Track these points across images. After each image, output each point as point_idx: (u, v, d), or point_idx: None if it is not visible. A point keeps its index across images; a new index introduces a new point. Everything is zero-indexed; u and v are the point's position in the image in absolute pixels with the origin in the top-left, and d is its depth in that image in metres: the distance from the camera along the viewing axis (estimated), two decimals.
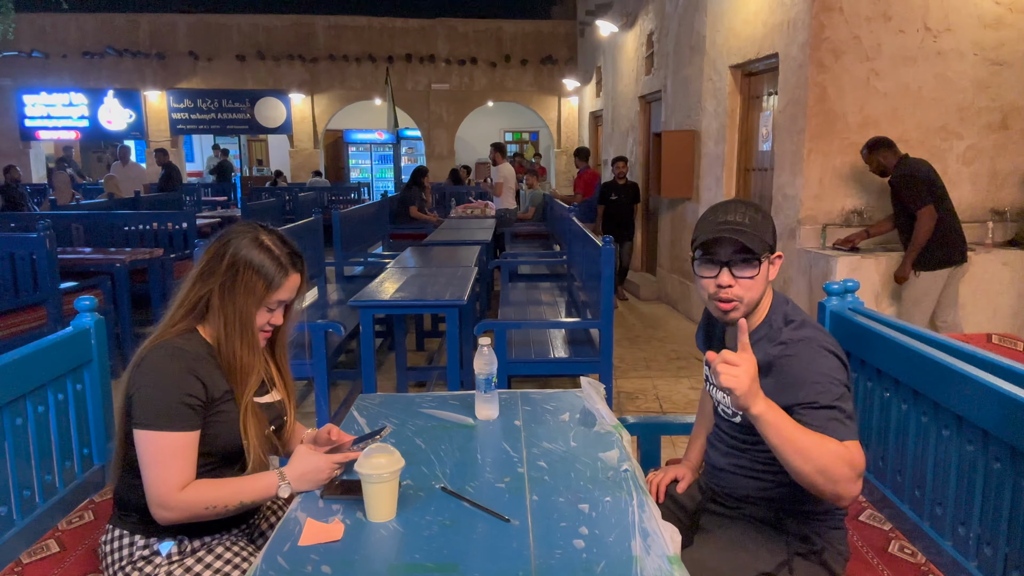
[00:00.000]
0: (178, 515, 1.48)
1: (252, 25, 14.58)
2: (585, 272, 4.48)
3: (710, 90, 6.44)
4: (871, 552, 1.76)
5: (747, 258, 1.53)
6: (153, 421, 1.46)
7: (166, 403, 1.47)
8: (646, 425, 2.34)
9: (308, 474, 1.53)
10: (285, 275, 1.58)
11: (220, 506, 1.49)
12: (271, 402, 1.69)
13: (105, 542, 1.60)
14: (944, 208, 4.18)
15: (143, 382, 1.49)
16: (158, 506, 1.47)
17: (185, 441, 1.48)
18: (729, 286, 1.54)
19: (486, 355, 1.89)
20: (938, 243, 4.19)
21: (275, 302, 1.59)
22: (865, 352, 1.98)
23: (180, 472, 1.47)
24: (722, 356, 1.36)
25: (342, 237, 5.79)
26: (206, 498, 1.48)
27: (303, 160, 15.33)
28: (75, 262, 5.23)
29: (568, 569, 1.23)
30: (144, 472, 1.48)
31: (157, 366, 1.50)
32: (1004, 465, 1.46)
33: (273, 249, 1.58)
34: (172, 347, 1.52)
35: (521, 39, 14.95)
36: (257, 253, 1.56)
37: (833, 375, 1.47)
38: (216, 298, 1.55)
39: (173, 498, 1.46)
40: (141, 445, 1.48)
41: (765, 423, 1.36)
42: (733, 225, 1.53)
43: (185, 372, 1.50)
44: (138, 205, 8.54)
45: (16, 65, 14.07)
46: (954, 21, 4.69)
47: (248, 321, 1.56)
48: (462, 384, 3.78)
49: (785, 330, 1.55)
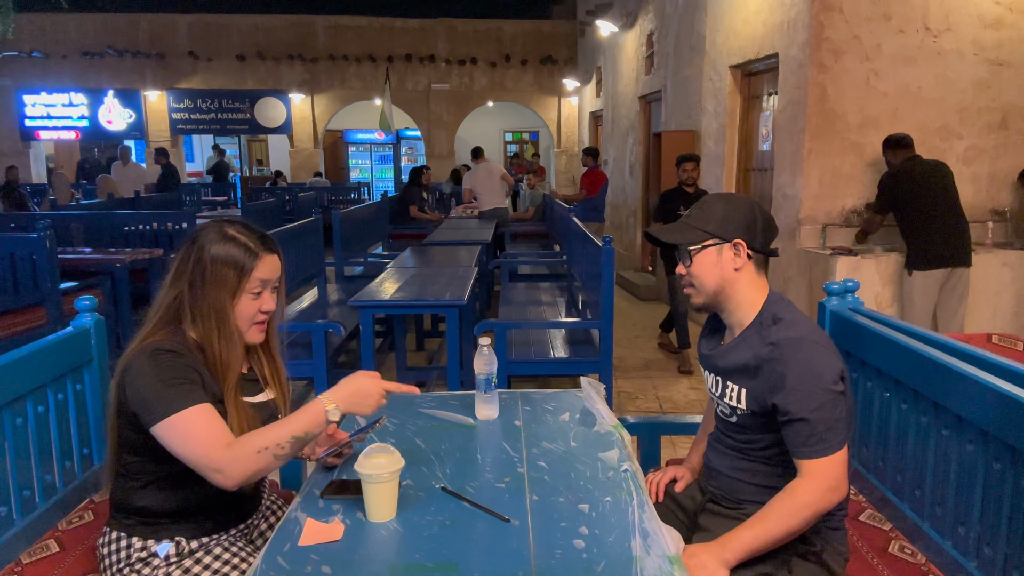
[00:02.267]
0: (235, 472, 1.40)
1: (252, 25, 14.58)
2: (585, 272, 4.48)
3: (710, 90, 6.44)
4: (871, 552, 1.76)
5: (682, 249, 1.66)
6: (167, 408, 1.42)
7: (170, 389, 1.43)
8: (646, 425, 2.34)
9: (356, 395, 1.48)
10: (256, 257, 1.55)
11: (272, 445, 1.41)
12: (264, 401, 1.67)
13: (102, 544, 1.59)
14: (935, 209, 4.19)
15: (139, 384, 1.45)
16: (212, 471, 1.40)
17: (204, 411, 1.43)
18: (683, 275, 1.68)
19: (486, 355, 1.89)
20: (928, 243, 4.21)
21: (256, 284, 1.55)
22: (865, 352, 1.98)
23: (214, 435, 1.41)
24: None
25: (342, 237, 5.79)
26: (254, 443, 1.41)
27: (303, 160, 15.33)
28: (75, 262, 5.23)
29: (568, 569, 1.23)
30: (185, 458, 1.42)
31: (148, 364, 1.46)
32: (1004, 465, 1.46)
33: (239, 237, 1.56)
34: (156, 346, 1.50)
35: (521, 39, 14.95)
36: (223, 245, 1.54)
37: (817, 382, 1.47)
38: (188, 298, 1.53)
39: (221, 457, 1.39)
40: (167, 435, 1.43)
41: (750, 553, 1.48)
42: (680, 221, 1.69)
43: (177, 359, 1.48)
44: (138, 205, 8.54)
45: (16, 65, 14.07)
46: (954, 21, 4.69)
47: (223, 315, 1.53)
48: (462, 384, 3.78)
49: (774, 329, 1.55)
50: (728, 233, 1.61)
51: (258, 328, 1.61)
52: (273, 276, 1.59)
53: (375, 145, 19.02)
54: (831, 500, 1.48)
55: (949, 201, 4.23)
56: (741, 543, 1.47)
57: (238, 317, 1.56)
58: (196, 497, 1.56)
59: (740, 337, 1.63)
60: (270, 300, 1.60)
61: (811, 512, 1.47)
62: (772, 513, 1.49)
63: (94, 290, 4.85)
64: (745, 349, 1.59)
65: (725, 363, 1.64)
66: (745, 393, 1.59)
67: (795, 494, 1.48)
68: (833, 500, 1.48)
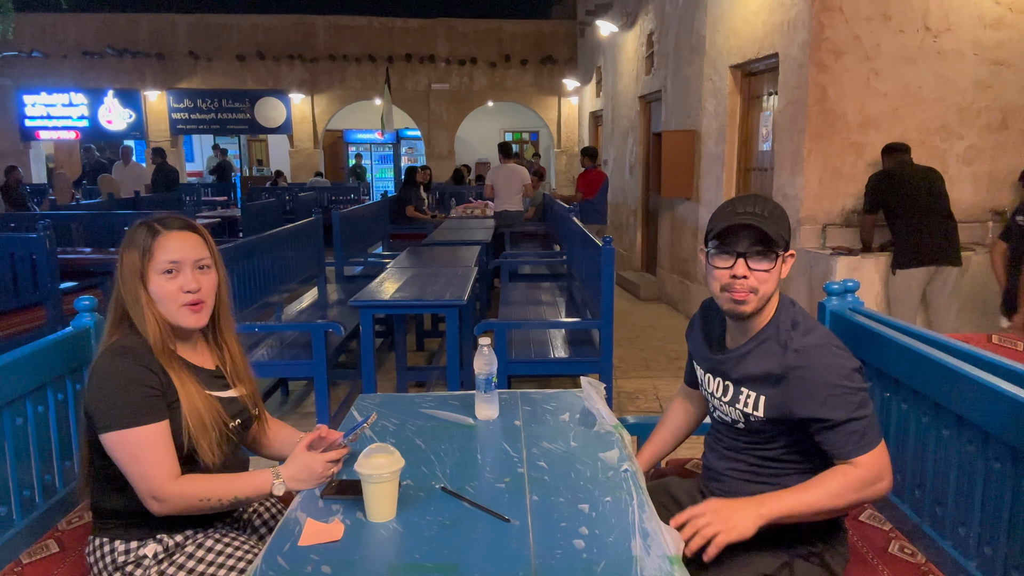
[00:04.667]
0: (172, 507, 1.47)
1: (252, 25, 14.58)
2: (585, 272, 4.48)
3: (710, 90, 6.44)
4: (871, 552, 1.76)
5: (763, 250, 1.51)
6: (120, 420, 1.45)
7: (127, 399, 1.46)
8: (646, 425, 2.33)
9: (300, 473, 1.52)
10: (155, 235, 1.54)
11: (214, 499, 1.49)
12: (234, 397, 1.67)
13: (89, 552, 1.59)
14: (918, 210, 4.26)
15: (99, 388, 1.47)
16: (151, 499, 1.45)
17: (159, 432, 1.48)
18: (744, 277, 1.51)
19: (486, 355, 1.89)
20: (910, 243, 4.30)
21: (164, 263, 1.53)
22: (865, 352, 1.98)
23: (164, 463, 1.47)
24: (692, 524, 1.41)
25: (342, 237, 5.79)
26: (200, 490, 1.48)
27: (303, 160, 15.34)
28: (75, 262, 5.23)
29: (568, 569, 1.23)
30: (127, 472, 1.46)
31: (107, 368, 1.48)
32: (1004, 465, 1.46)
33: (144, 224, 1.57)
34: (116, 347, 1.51)
35: (521, 39, 14.95)
36: (130, 235, 1.57)
37: (850, 382, 1.47)
38: (121, 292, 1.55)
39: (165, 489, 1.45)
40: (115, 447, 1.46)
41: (782, 517, 1.42)
42: (752, 214, 1.51)
43: (137, 365, 1.49)
44: (138, 205, 8.54)
45: (16, 65, 14.07)
46: (954, 21, 4.69)
47: (139, 299, 1.54)
48: (462, 384, 3.78)
49: (795, 335, 1.53)
50: (789, 240, 1.58)
51: (189, 310, 1.57)
52: (186, 255, 1.56)
53: (375, 145, 19.01)
54: (880, 490, 1.47)
55: (935, 203, 4.30)
56: (780, 503, 1.45)
57: (159, 301, 1.55)
58: None
59: (754, 342, 1.58)
60: (191, 279, 1.56)
61: (857, 498, 1.45)
62: (819, 488, 1.45)
63: (94, 290, 4.85)
64: (766, 356, 1.55)
65: (741, 370, 1.59)
66: (764, 400, 1.56)
67: (848, 477, 1.45)
68: (882, 490, 1.47)
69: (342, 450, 1.56)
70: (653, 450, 1.95)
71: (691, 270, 6.93)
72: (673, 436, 1.96)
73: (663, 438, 1.96)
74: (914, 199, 4.27)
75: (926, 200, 4.28)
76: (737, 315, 1.57)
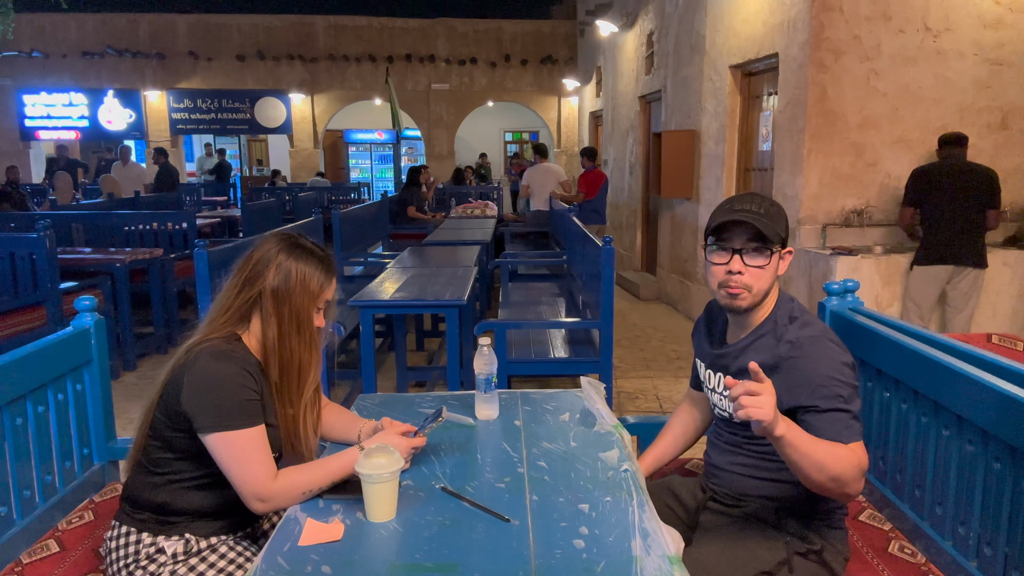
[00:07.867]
0: (276, 504, 1.51)
1: (252, 25, 14.58)
2: (585, 272, 4.48)
3: (710, 90, 6.44)
4: (871, 552, 1.76)
5: (759, 247, 1.54)
6: (226, 422, 1.49)
7: (232, 402, 1.50)
8: (646, 425, 2.34)
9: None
10: (332, 274, 1.65)
11: (315, 488, 1.52)
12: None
13: (110, 538, 1.60)
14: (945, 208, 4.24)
15: (203, 389, 1.50)
16: (255, 499, 1.50)
17: (259, 434, 1.53)
18: (739, 273, 1.54)
19: (486, 355, 1.89)
20: (932, 240, 4.29)
21: (323, 302, 1.64)
22: (865, 352, 1.98)
23: (265, 464, 1.51)
24: (744, 387, 1.32)
25: (342, 237, 5.79)
26: (300, 483, 1.51)
27: (303, 160, 15.34)
28: (75, 262, 5.23)
29: (568, 569, 1.23)
30: (229, 472, 1.50)
31: (211, 369, 1.51)
32: (1004, 465, 1.46)
33: (316, 251, 1.65)
34: (219, 350, 1.54)
35: (521, 39, 14.95)
36: (306, 255, 1.62)
37: (841, 376, 1.47)
38: (269, 301, 1.58)
39: (269, 489, 1.49)
40: (219, 448, 1.50)
41: (786, 443, 1.36)
42: (748, 212, 1.54)
43: (240, 370, 1.53)
44: (138, 205, 8.53)
45: (16, 65, 14.07)
46: (954, 21, 4.69)
47: (306, 319, 1.61)
48: (462, 384, 3.78)
49: (791, 328, 1.55)
50: (787, 238, 1.59)
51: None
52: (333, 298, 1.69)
53: (375, 145, 19.02)
54: (856, 488, 1.42)
55: (965, 202, 4.24)
56: (789, 425, 1.37)
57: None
58: (217, 500, 1.58)
59: (752, 336, 1.61)
60: (323, 319, 1.67)
61: (842, 476, 1.38)
62: (823, 443, 1.40)
63: (94, 290, 4.85)
64: (761, 349, 1.57)
65: (739, 364, 1.60)
66: None
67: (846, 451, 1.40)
68: (857, 489, 1.42)
69: (420, 439, 1.61)
70: (656, 455, 1.94)
71: (691, 270, 6.93)
72: (677, 442, 1.96)
73: (667, 443, 1.95)
74: (942, 197, 4.25)
75: (953, 198, 4.25)
76: (734, 310, 1.60)
